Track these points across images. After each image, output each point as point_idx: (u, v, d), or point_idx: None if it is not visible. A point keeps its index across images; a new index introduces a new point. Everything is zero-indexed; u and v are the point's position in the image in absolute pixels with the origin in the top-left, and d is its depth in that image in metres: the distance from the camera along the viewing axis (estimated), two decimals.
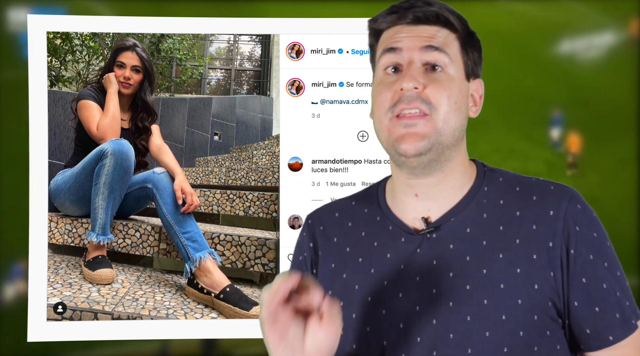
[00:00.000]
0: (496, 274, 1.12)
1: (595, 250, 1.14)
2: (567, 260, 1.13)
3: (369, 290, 1.18)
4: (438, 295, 1.14)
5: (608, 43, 2.28)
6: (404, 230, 1.19)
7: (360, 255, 1.21)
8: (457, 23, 1.17)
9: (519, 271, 1.12)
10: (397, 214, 1.21)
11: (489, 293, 1.12)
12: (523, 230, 1.14)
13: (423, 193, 1.19)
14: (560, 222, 1.14)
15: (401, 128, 1.13)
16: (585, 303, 1.14)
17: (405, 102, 1.12)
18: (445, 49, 1.15)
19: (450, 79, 1.14)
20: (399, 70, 1.15)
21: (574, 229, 1.14)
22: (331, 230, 1.26)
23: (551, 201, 1.15)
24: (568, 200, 1.15)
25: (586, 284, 1.13)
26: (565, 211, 1.14)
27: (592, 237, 1.14)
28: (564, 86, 2.30)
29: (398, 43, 1.15)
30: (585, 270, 1.13)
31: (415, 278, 1.15)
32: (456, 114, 1.14)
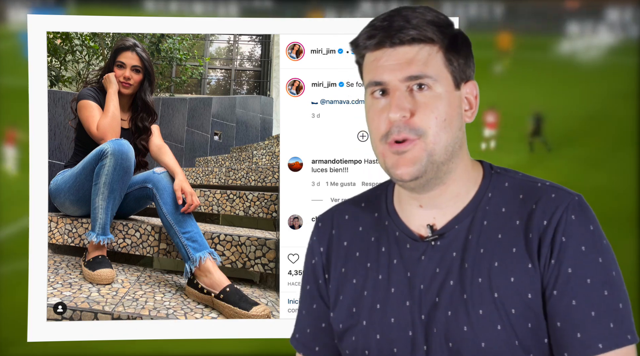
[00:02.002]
0: (491, 283, 1.13)
1: (576, 264, 1.12)
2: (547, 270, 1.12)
3: (377, 297, 1.20)
4: (439, 304, 1.15)
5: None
6: (410, 236, 1.20)
7: (369, 260, 1.23)
8: (437, 35, 1.15)
9: (513, 281, 1.12)
10: (404, 220, 1.22)
11: (484, 303, 1.13)
12: (520, 239, 1.14)
13: (427, 205, 1.20)
14: (551, 232, 1.13)
15: (394, 156, 1.14)
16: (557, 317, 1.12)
17: (395, 133, 1.13)
18: (427, 71, 1.14)
19: (437, 96, 1.14)
20: (386, 93, 1.16)
21: (560, 239, 1.12)
22: (342, 233, 1.27)
23: (548, 210, 1.14)
24: (563, 209, 1.14)
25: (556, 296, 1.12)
26: (558, 221, 1.13)
27: (579, 249, 1.12)
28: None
29: (381, 76, 1.15)
30: (558, 283, 1.12)
31: (420, 286, 1.17)
32: (447, 131, 1.14)
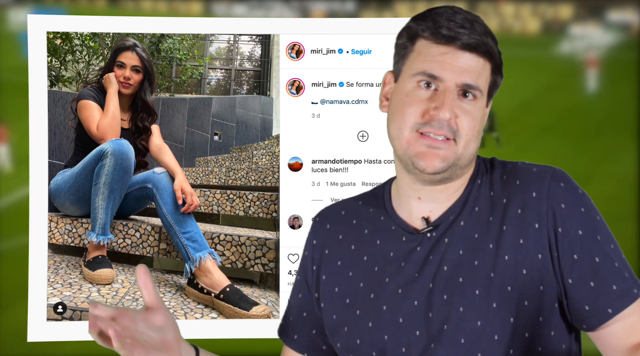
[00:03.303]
0: (486, 264, 1.14)
1: (584, 224, 1.14)
2: (556, 239, 1.14)
3: (372, 287, 1.21)
4: (434, 289, 1.16)
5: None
6: (406, 230, 1.21)
7: (365, 254, 1.24)
8: (494, 50, 1.17)
9: (507, 258, 1.14)
10: (401, 215, 1.23)
11: (480, 284, 1.14)
12: (509, 217, 1.16)
13: (426, 197, 1.21)
14: (544, 201, 1.14)
15: (423, 147, 1.16)
16: (579, 279, 1.13)
17: (435, 127, 1.15)
18: (479, 83, 1.16)
19: (478, 108, 1.17)
20: (431, 86, 1.16)
21: (559, 207, 1.14)
22: (337, 228, 1.29)
23: (534, 183, 1.16)
24: (550, 179, 1.16)
25: (578, 260, 1.13)
26: (548, 190, 1.15)
27: (580, 212, 1.14)
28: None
29: (441, 72, 1.15)
30: (575, 246, 1.13)
31: (414, 274, 1.18)
32: (476, 140, 1.17)
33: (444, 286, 1.16)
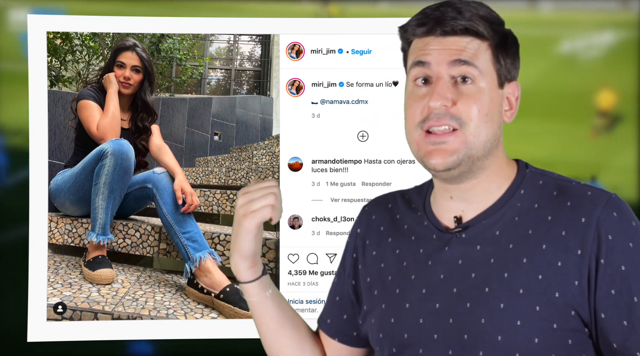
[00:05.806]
0: (517, 279, 1.11)
1: (629, 261, 1.09)
2: (596, 270, 1.09)
3: (398, 282, 1.20)
4: (457, 295, 1.14)
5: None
6: (437, 227, 1.20)
7: (398, 248, 1.23)
8: (488, 31, 1.14)
9: (541, 278, 1.10)
10: (435, 212, 1.22)
11: (506, 298, 1.10)
12: (551, 236, 1.11)
13: (457, 197, 1.19)
14: (592, 229, 1.09)
15: (429, 146, 1.13)
16: (613, 316, 1.09)
17: (434, 119, 1.12)
18: (475, 61, 1.13)
19: (481, 90, 1.13)
20: (428, 82, 1.14)
21: (606, 237, 1.09)
22: (381, 220, 1.28)
23: (585, 208, 1.11)
24: (603, 207, 1.11)
25: (615, 296, 1.08)
26: (598, 218, 1.10)
27: (626, 246, 1.09)
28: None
29: (427, 56, 1.13)
30: (615, 282, 1.08)
31: (440, 276, 1.16)
32: (487, 126, 1.13)
33: (468, 293, 1.12)
